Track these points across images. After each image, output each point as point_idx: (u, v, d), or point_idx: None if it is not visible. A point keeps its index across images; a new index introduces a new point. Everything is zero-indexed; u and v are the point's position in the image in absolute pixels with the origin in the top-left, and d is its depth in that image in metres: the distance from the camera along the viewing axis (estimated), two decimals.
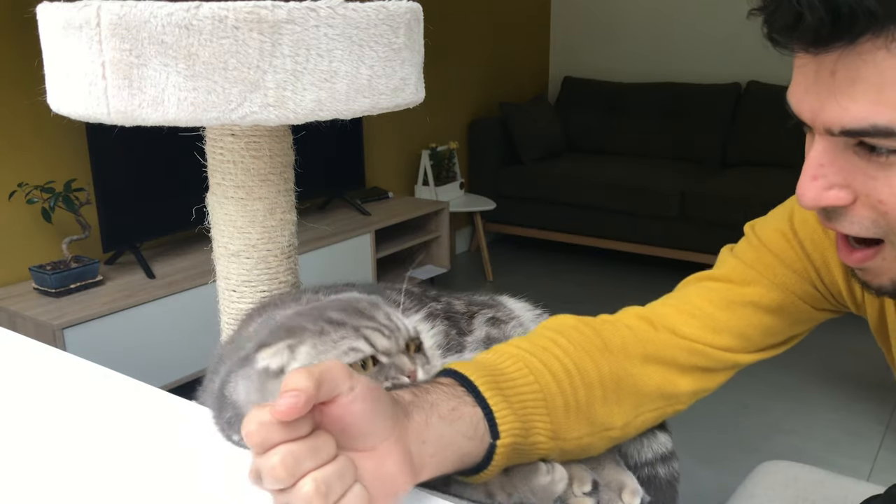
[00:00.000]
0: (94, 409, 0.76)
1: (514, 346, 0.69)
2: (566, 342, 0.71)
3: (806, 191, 0.58)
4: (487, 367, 0.65)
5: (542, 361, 0.68)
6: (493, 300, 0.89)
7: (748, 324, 0.79)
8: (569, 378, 0.68)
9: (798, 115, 0.60)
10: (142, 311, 2.29)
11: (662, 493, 0.76)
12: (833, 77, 0.53)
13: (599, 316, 0.79)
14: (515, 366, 0.66)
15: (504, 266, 4.01)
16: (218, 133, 0.86)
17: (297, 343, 0.59)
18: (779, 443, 2.39)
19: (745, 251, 0.81)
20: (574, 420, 0.67)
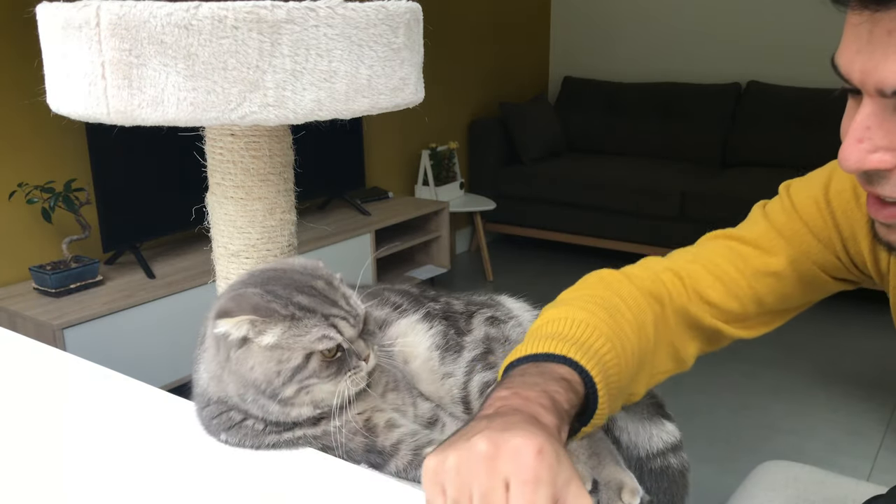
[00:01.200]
0: (94, 409, 0.76)
1: (600, 321, 0.70)
2: (632, 317, 0.73)
3: (850, 154, 0.57)
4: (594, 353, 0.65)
5: (622, 345, 0.70)
6: (491, 300, 0.89)
7: (768, 292, 0.81)
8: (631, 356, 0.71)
9: (847, 76, 0.58)
10: (142, 311, 2.29)
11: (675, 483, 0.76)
12: (890, 36, 0.53)
13: (636, 272, 0.82)
14: (606, 347, 0.68)
15: (504, 266, 4.01)
16: (217, 133, 0.86)
17: (266, 323, 0.61)
18: (779, 443, 2.39)
19: (778, 214, 0.82)
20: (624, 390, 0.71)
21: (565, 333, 0.66)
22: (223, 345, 0.63)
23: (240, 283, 0.68)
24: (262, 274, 0.68)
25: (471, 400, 0.74)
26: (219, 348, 0.64)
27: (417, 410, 0.71)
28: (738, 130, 4.08)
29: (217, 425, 0.67)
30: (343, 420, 0.66)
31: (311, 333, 0.62)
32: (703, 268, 0.81)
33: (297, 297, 0.64)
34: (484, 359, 0.77)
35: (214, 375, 0.66)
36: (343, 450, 0.67)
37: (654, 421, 0.77)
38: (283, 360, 0.62)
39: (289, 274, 0.67)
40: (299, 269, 0.69)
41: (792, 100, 3.94)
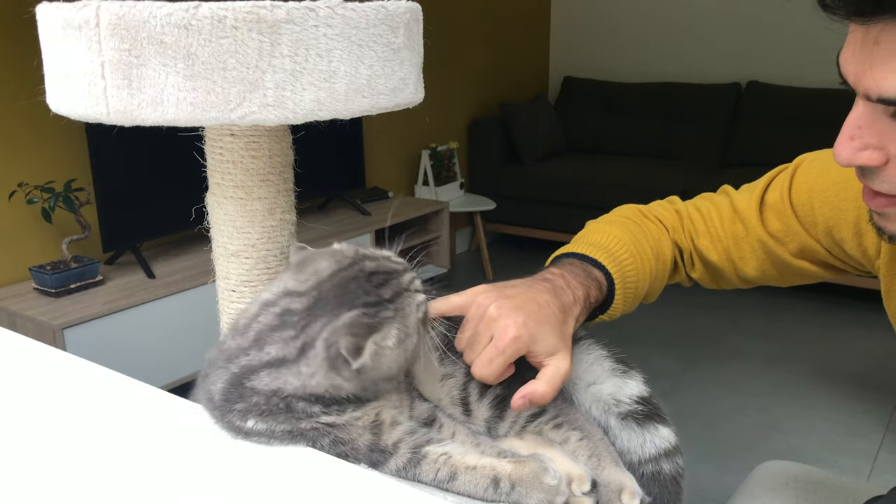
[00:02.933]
0: (94, 409, 0.76)
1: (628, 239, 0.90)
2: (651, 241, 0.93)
3: (841, 150, 0.63)
4: (607, 250, 0.87)
5: (641, 261, 0.90)
6: None
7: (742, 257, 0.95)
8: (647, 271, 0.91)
9: (844, 76, 0.63)
10: (142, 311, 2.29)
11: (667, 489, 0.76)
12: (877, 46, 0.56)
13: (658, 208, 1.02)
14: (629, 260, 0.88)
15: (504, 266, 4.00)
16: (217, 133, 0.86)
17: (383, 336, 0.64)
18: (779, 443, 2.39)
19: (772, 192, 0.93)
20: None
21: (602, 243, 0.87)
22: (347, 374, 0.64)
23: (319, 309, 0.66)
24: (322, 293, 0.67)
25: (470, 401, 0.74)
26: (335, 376, 0.64)
27: (414, 412, 0.71)
28: (738, 130, 4.08)
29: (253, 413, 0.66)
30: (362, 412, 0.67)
31: (411, 313, 0.66)
32: (701, 218, 0.97)
33: (384, 293, 0.66)
34: None
35: (322, 386, 0.65)
36: (351, 445, 0.67)
37: (647, 426, 0.77)
38: (407, 347, 0.66)
39: (342, 277, 0.68)
40: (340, 268, 0.69)
41: (792, 100, 3.94)
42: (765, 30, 4.15)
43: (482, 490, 0.64)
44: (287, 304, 0.67)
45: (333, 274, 0.68)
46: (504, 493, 0.64)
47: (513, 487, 0.64)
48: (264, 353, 0.66)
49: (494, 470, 0.65)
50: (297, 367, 0.65)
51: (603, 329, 0.80)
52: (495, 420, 0.74)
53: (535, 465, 0.65)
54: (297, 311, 0.66)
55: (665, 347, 3.02)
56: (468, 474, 0.65)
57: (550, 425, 0.74)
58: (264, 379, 0.66)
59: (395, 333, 0.64)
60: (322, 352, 0.64)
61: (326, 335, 0.64)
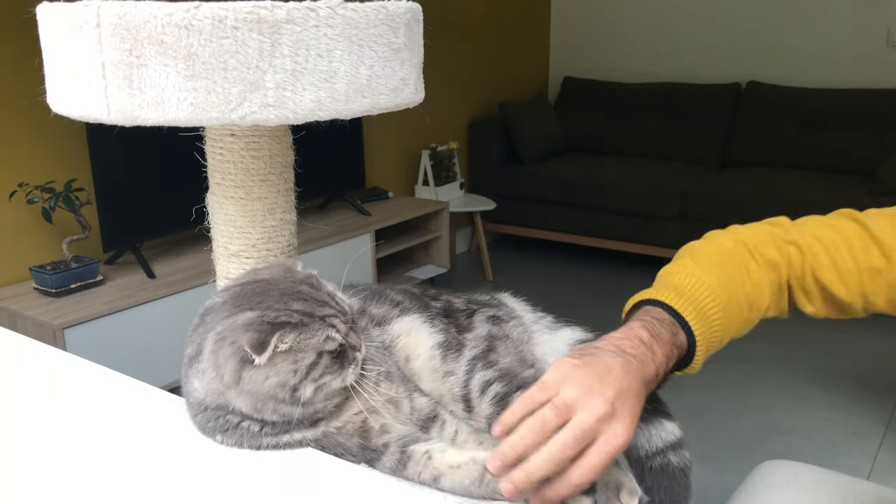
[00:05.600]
0: (94, 409, 0.76)
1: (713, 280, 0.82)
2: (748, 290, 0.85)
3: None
4: (698, 306, 0.79)
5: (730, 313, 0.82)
6: (494, 299, 0.89)
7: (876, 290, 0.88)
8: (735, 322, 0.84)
9: None
10: (142, 311, 2.29)
11: (676, 481, 0.76)
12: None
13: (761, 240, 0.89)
14: (717, 314, 0.81)
15: (504, 266, 4.01)
16: (218, 133, 0.86)
17: (284, 334, 0.63)
18: (779, 443, 2.39)
19: None
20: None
21: (695, 296, 0.80)
22: (229, 369, 0.63)
23: (229, 305, 0.67)
24: (245, 291, 0.68)
25: (471, 398, 0.74)
26: (221, 373, 0.64)
27: (414, 404, 0.71)
28: (738, 130, 4.08)
29: (213, 428, 0.68)
30: (343, 421, 0.67)
31: (317, 336, 0.65)
32: (825, 249, 0.87)
33: (295, 306, 0.66)
34: (485, 357, 0.77)
35: (215, 392, 0.66)
36: (341, 449, 0.67)
37: (652, 421, 0.77)
38: (297, 361, 0.64)
39: (272, 285, 0.68)
40: (280, 278, 0.69)
41: (792, 100, 3.94)
42: (765, 30, 4.15)
43: (471, 483, 0.65)
44: (210, 301, 0.70)
45: (265, 281, 0.69)
46: (488, 481, 0.64)
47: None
48: (184, 355, 0.68)
49: (477, 464, 0.65)
50: (197, 364, 0.66)
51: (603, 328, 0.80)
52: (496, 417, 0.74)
53: None
54: (214, 306, 0.68)
55: None
56: (453, 473, 0.65)
57: None
58: (188, 387, 0.68)
59: (289, 338, 0.63)
60: (211, 344, 0.64)
61: (220, 330, 0.64)
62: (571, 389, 0.64)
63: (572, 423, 0.62)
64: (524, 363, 0.79)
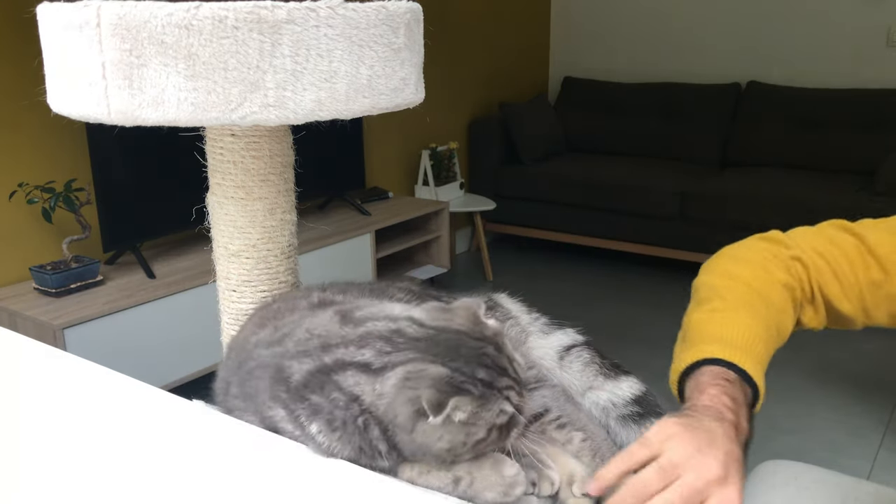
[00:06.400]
0: (94, 409, 0.76)
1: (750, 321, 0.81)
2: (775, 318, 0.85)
3: None
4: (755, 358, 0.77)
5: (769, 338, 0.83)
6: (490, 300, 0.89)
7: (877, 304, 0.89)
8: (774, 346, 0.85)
9: None
10: (142, 311, 2.29)
11: None
12: None
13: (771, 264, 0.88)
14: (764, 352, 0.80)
15: (504, 266, 4.01)
16: (218, 133, 0.86)
17: (462, 401, 0.62)
18: (779, 443, 2.39)
19: None
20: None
21: (748, 347, 0.77)
22: (405, 414, 0.62)
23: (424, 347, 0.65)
24: (441, 338, 0.66)
25: None
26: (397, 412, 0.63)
27: None
28: (738, 130, 4.08)
29: (325, 415, 0.65)
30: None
31: (492, 411, 0.63)
32: (827, 264, 0.86)
33: (480, 373, 0.64)
34: None
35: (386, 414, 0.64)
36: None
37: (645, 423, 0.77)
38: (471, 434, 0.63)
39: (462, 340, 0.66)
40: (468, 332, 0.67)
41: (792, 100, 3.94)
42: (765, 30, 4.15)
43: (445, 489, 0.65)
44: (404, 326, 0.68)
45: (459, 332, 0.67)
46: (463, 489, 0.64)
47: (471, 484, 0.64)
48: (359, 353, 0.66)
49: (451, 470, 0.65)
50: (374, 381, 0.64)
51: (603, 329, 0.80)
52: None
53: (494, 456, 0.66)
54: (407, 335, 0.66)
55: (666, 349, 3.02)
56: (422, 478, 0.65)
57: (554, 425, 0.74)
58: (350, 379, 0.65)
59: (468, 409, 0.62)
60: (397, 381, 0.63)
61: (410, 371, 0.63)
62: (678, 450, 0.61)
63: (681, 482, 0.59)
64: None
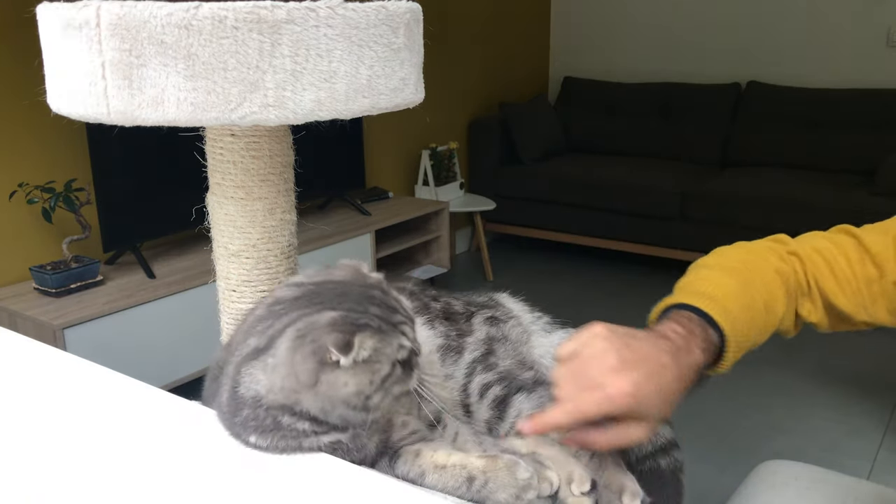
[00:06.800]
0: (94, 409, 0.76)
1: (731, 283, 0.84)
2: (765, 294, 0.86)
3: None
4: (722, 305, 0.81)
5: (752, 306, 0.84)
6: (491, 300, 0.89)
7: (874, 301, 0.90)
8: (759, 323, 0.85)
9: None
10: (142, 311, 2.29)
11: (666, 484, 0.76)
12: None
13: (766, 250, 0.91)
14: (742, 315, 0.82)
15: (504, 266, 4.00)
16: (218, 133, 0.86)
17: (365, 337, 0.62)
18: (779, 443, 2.39)
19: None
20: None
21: (716, 295, 0.81)
22: (307, 369, 0.62)
23: (305, 302, 0.65)
24: (322, 290, 0.66)
25: (471, 402, 0.74)
26: (298, 371, 0.62)
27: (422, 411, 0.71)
28: (738, 130, 4.08)
29: (253, 427, 0.65)
30: (372, 418, 0.66)
31: (392, 345, 0.64)
32: (824, 260, 0.89)
33: (373, 310, 0.65)
34: (484, 360, 0.77)
35: (286, 390, 0.64)
36: (363, 452, 0.67)
37: None
38: (376, 371, 0.63)
39: (348, 286, 0.67)
40: (353, 280, 0.68)
41: (792, 100, 3.94)
42: (765, 30, 4.15)
43: (454, 488, 0.64)
44: (281, 293, 0.68)
45: (341, 282, 0.68)
46: (476, 489, 0.64)
47: (485, 484, 0.64)
48: (246, 345, 0.66)
49: (466, 468, 0.65)
50: (266, 357, 0.64)
51: None
52: (496, 421, 0.74)
53: (507, 459, 0.65)
54: (286, 299, 0.66)
55: None
56: (437, 473, 0.65)
57: None
58: (245, 380, 0.65)
59: (371, 345, 0.62)
60: (290, 341, 0.62)
61: (301, 327, 0.63)
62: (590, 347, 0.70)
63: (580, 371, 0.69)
64: (523, 365, 0.79)
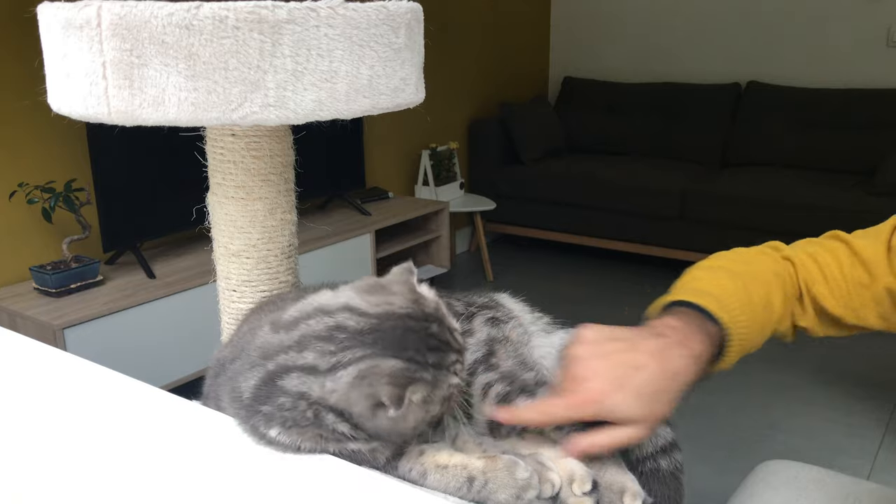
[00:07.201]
0: (94, 409, 0.76)
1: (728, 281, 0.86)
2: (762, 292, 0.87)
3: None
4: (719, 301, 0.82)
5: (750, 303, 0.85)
6: (491, 301, 0.89)
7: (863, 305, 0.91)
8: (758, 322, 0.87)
9: None
10: (142, 311, 2.29)
11: (667, 485, 0.76)
12: None
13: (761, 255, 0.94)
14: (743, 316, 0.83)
15: (504, 266, 4.01)
16: (218, 133, 0.86)
17: (416, 389, 0.63)
18: (779, 443, 2.39)
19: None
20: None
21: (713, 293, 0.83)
22: (363, 407, 0.63)
23: (370, 340, 0.65)
24: (385, 327, 0.66)
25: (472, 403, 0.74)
26: (354, 406, 0.63)
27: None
28: (738, 130, 4.08)
29: (278, 420, 0.65)
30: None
31: (443, 388, 0.65)
32: (816, 264, 0.91)
33: (430, 358, 0.65)
34: (486, 361, 0.77)
35: (338, 405, 0.64)
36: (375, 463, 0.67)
37: None
38: (429, 411, 0.65)
39: (409, 324, 0.66)
40: (411, 313, 0.67)
41: (792, 100, 3.94)
42: (765, 30, 4.15)
43: (455, 489, 0.64)
44: (343, 319, 0.66)
45: (402, 316, 0.67)
46: (477, 490, 0.64)
47: (485, 484, 0.64)
48: (301, 357, 0.65)
49: (466, 468, 0.65)
50: (324, 380, 0.64)
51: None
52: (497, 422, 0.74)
53: (506, 459, 0.65)
54: (350, 329, 0.65)
55: None
56: (438, 473, 0.65)
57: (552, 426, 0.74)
58: (294, 381, 0.65)
59: (423, 394, 0.63)
60: (351, 379, 0.63)
61: (364, 369, 0.63)
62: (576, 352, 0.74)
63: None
64: (525, 366, 0.79)
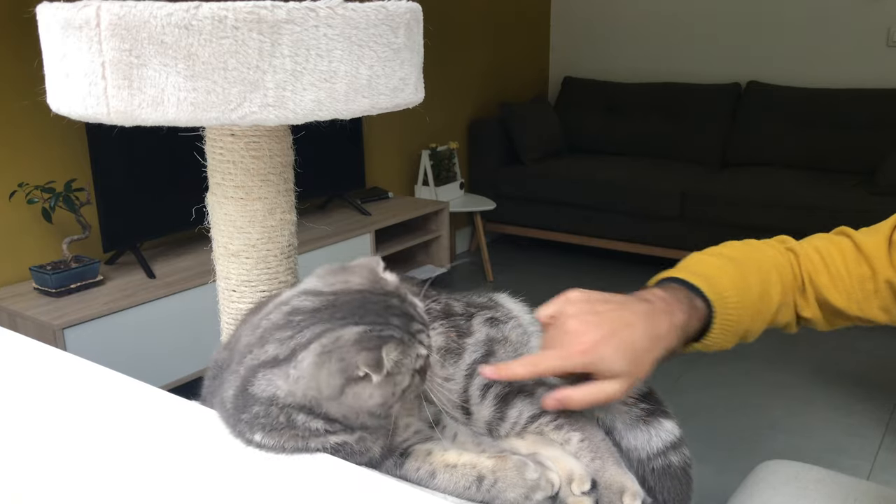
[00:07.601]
0: (94, 409, 0.76)
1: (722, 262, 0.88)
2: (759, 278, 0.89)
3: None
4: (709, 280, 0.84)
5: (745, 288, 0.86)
6: (491, 301, 0.89)
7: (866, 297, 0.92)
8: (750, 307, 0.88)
9: None
10: (142, 311, 2.29)
11: (679, 480, 0.76)
12: None
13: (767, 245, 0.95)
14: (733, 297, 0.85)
15: (504, 266, 4.01)
16: (218, 133, 0.86)
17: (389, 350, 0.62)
18: (779, 443, 2.39)
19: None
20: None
21: (705, 273, 0.85)
22: (333, 384, 0.62)
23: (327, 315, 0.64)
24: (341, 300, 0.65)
25: (471, 404, 0.74)
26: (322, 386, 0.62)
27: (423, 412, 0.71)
28: (738, 130, 4.08)
29: (262, 425, 0.65)
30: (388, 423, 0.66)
31: (411, 356, 0.64)
32: (820, 257, 0.92)
33: (393, 321, 0.64)
34: (485, 361, 0.77)
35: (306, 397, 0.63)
36: (367, 455, 0.66)
37: (651, 422, 0.77)
38: (398, 384, 0.63)
39: (367, 296, 0.66)
40: (371, 288, 0.67)
41: (792, 100, 3.94)
42: (765, 30, 4.15)
43: (464, 488, 0.64)
44: (299, 302, 0.66)
45: (359, 291, 0.66)
46: (486, 489, 0.64)
47: (494, 483, 0.64)
48: (263, 352, 0.65)
49: (476, 468, 0.65)
50: (287, 368, 0.63)
51: None
52: (497, 422, 0.74)
53: (516, 459, 0.65)
54: (305, 310, 0.65)
55: None
56: (447, 472, 0.65)
57: (551, 426, 0.74)
58: (261, 383, 0.64)
59: (397, 353, 0.62)
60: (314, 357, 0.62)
61: (326, 343, 0.62)
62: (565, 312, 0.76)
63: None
64: None
